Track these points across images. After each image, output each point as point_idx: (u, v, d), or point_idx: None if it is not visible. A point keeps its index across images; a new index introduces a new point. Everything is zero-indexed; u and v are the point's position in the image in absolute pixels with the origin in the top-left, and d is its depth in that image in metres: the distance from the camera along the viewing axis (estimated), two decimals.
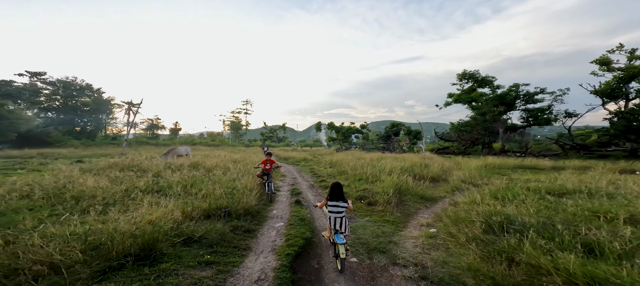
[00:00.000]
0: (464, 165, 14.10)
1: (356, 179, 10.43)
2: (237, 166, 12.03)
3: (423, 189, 8.48)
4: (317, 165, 18.58)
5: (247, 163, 13.27)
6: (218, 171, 10.25)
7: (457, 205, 6.38)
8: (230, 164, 12.81)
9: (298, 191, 8.84)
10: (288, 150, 39.42)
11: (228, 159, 15.54)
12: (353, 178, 10.81)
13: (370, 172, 11.17)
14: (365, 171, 11.51)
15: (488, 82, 26.50)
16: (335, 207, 3.75)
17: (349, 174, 11.74)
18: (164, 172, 10.14)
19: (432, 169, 12.17)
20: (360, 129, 49.74)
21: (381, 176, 10.24)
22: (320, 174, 13.72)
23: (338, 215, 3.73)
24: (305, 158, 24.09)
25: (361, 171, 11.95)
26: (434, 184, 10.35)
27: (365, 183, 9.63)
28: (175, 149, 17.51)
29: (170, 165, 11.88)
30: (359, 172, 11.77)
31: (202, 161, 13.26)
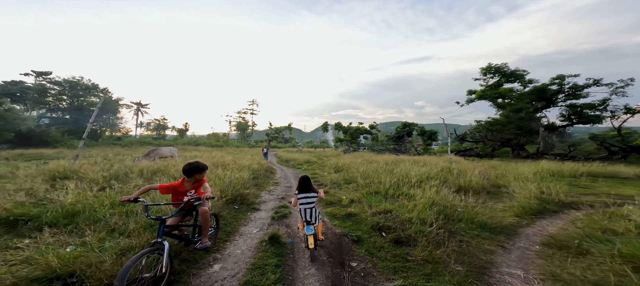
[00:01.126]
0: (510, 171, 10.68)
1: (370, 193, 7.36)
2: (218, 172, 9.21)
3: (480, 213, 5.31)
4: (321, 169, 15.58)
5: (232, 169, 10.40)
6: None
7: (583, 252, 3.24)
8: (212, 169, 9.98)
9: (285, 212, 5.90)
10: (292, 151, 36.57)
11: (216, 162, 12.77)
12: (365, 189, 7.74)
13: (389, 181, 8.08)
14: (382, 180, 8.42)
15: (518, 76, 22.78)
16: (305, 199, 3.66)
17: (360, 183, 8.68)
18: (113, 182, 7.39)
19: (470, 177, 8.94)
20: (369, 129, 46.41)
21: (406, 187, 7.16)
22: (322, 181, 10.74)
23: (308, 206, 3.62)
24: (308, 160, 21.14)
25: (375, 178, 8.89)
26: (481, 198, 7.13)
27: (384, 200, 6.57)
28: (157, 150, 14.93)
29: (133, 171, 9.17)
30: (373, 180, 8.71)
31: (178, 165, 10.52)
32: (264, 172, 13.02)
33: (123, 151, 25.32)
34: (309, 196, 3.67)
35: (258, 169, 12.44)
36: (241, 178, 8.29)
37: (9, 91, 35.34)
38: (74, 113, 42.83)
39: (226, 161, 12.71)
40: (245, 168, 11.12)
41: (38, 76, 40.65)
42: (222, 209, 5.69)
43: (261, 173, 12.17)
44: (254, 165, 11.86)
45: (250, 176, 9.83)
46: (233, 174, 8.39)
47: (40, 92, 39.64)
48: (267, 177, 11.79)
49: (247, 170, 10.39)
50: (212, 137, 54.37)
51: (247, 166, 11.53)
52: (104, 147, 34.83)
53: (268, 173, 13.45)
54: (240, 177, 8.26)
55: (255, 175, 11.10)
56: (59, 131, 34.98)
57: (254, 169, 11.40)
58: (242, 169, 10.37)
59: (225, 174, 8.05)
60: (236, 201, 6.39)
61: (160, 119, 59.72)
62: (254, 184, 9.14)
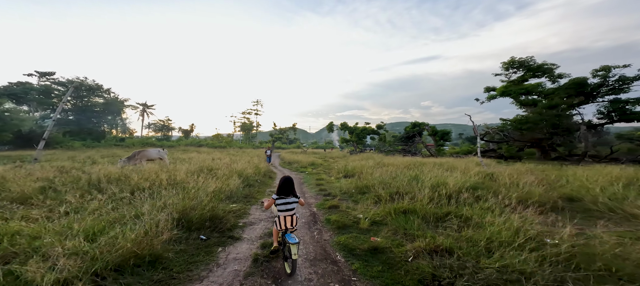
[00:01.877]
0: (574, 178, 8.22)
1: (399, 211, 5.24)
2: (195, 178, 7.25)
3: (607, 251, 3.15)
4: (327, 173, 13.54)
5: (219, 176, 8.42)
6: (144, 193, 5.46)
7: None
8: (188, 175, 8.01)
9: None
10: (297, 152, 34.54)
11: (204, 166, 10.85)
12: (391, 205, 5.62)
13: (420, 190, 5.96)
14: (410, 190, 6.33)
15: (546, 71, 20.24)
16: (285, 204, 3.20)
17: (381, 195, 6.58)
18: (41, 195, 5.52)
19: (526, 187, 6.71)
20: (376, 129, 44.10)
21: (453, 203, 5.06)
22: (330, 190, 8.68)
23: (288, 213, 3.20)
24: (313, 162, 19.11)
25: (400, 188, 6.80)
26: (563, 218, 4.91)
27: (425, 225, 4.48)
28: (144, 151, 13.13)
29: (99, 178, 7.29)
30: (398, 190, 6.62)
31: (156, 170, 8.62)
32: (261, 177, 11.06)
33: (119, 153, 23.77)
34: (289, 201, 3.21)
35: (253, 174, 10.48)
36: (223, 189, 6.30)
37: (13, 91, 34.53)
38: (77, 114, 41.92)
39: (218, 165, 10.77)
40: (237, 173, 9.15)
41: (42, 76, 39.89)
42: (177, 242, 3.70)
43: (257, 180, 10.20)
44: (248, 170, 9.89)
45: (240, 184, 7.84)
46: (210, 184, 6.37)
47: (44, 93, 38.79)
48: (264, 184, 9.81)
49: (237, 177, 8.40)
50: (215, 138, 52.99)
51: (240, 171, 9.57)
52: (104, 148, 33.61)
53: (266, 178, 11.48)
54: (221, 188, 6.26)
55: (248, 182, 9.13)
56: (60, 132, 33.94)
57: (247, 175, 9.42)
58: (232, 175, 8.39)
59: (196, 185, 6.02)
60: (204, 227, 4.38)
61: (164, 120, 58.72)
62: (243, 196, 7.15)
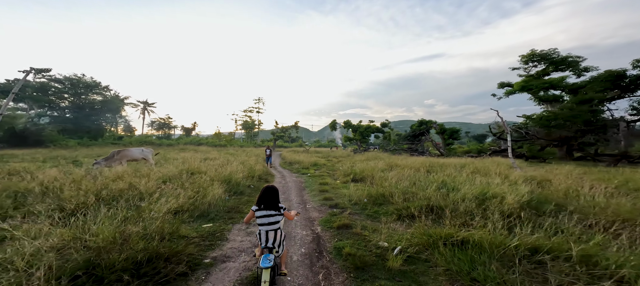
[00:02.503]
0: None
1: (448, 242, 3.52)
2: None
3: None
4: (331, 175, 11.85)
5: (193, 185, 6.74)
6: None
7: None
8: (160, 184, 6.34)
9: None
10: (299, 151, 32.79)
11: (190, 166, 9.19)
12: (423, 223, 3.91)
13: (473, 208, 4.24)
14: (444, 201, 4.61)
15: (571, 64, 18.31)
16: (265, 217, 2.62)
17: (409, 209, 4.86)
18: None
19: (600, 198, 4.95)
20: (381, 128, 42.24)
21: (523, 226, 3.32)
22: (337, 199, 6.95)
23: (270, 227, 2.61)
24: (315, 162, 17.42)
25: (430, 198, 5.08)
26: None
27: (502, 269, 2.74)
28: (124, 151, 11.52)
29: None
30: (429, 202, 4.91)
31: (120, 175, 6.97)
32: (256, 182, 9.39)
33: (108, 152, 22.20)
34: (270, 214, 2.62)
35: (246, 178, 8.80)
36: (195, 203, 4.61)
37: (7, 89, 33.21)
38: (74, 111, 40.66)
39: (207, 167, 9.09)
40: (223, 179, 7.46)
41: (38, 73, 38.62)
42: None
43: (249, 185, 8.51)
44: (237, 175, 8.17)
45: (223, 194, 6.15)
46: (175, 196, 4.67)
47: (40, 90, 37.53)
48: (257, 190, 8.12)
49: (220, 184, 6.70)
50: (215, 136, 51.52)
51: (228, 175, 7.87)
52: (100, 146, 32.26)
53: (262, 182, 9.80)
54: (192, 203, 4.57)
55: (238, 189, 7.45)
56: (55, 130, 32.64)
57: (236, 181, 7.73)
58: (213, 183, 6.67)
59: (157, 198, 4.33)
60: (133, 275, 2.68)
61: (165, 118, 57.40)
62: (226, 211, 5.45)
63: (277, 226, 2.67)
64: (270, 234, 2.62)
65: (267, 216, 2.64)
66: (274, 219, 2.65)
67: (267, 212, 2.65)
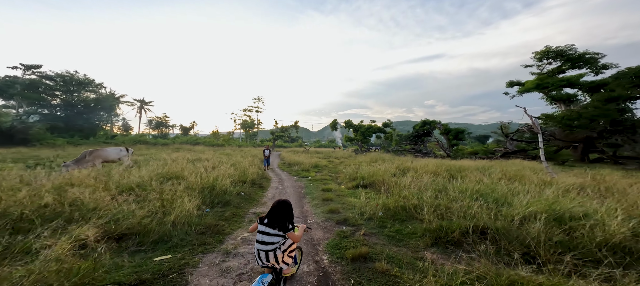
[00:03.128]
0: None
1: None
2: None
3: None
4: (334, 179, 10.47)
5: (157, 198, 5.31)
6: None
7: None
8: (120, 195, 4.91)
9: None
10: (299, 152, 31.27)
11: (170, 170, 7.75)
12: (489, 260, 2.52)
13: (556, 236, 2.86)
14: (499, 222, 3.22)
15: (589, 61, 17.06)
16: (262, 235, 2.23)
17: (456, 233, 3.45)
18: None
19: None
20: (383, 128, 40.89)
21: None
22: (345, 212, 5.50)
23: (261, 247, 2.21)
24: (316, 164, 16.02)
25: (477, 216, 3.70)
26: None
27: None
28: (98, 151, 10.07)
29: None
30: (476, 222, 3.53)
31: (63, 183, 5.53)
32: (249, 188, 7.96)
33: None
34: (268, 233, 2.22)
35: (234, 184, 7.37)
36: (149, 226, 3.19)
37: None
38: (66, 109, 39.08)
39: (188, 172, 7.64)
40: (205, 186, 6.02)
41: (27, 69, 37.03)
42: None
43: (240, 192, 7.08)
44: (223, 182, 6.71)
45: (197, 209, 4.71)
46: (122, 218, 3.25)
47: (30, 87, 35.93)
48: (248, 200, 6.68)
49: (198, 195, 5.27)
50: (213, 136, 50.03)
51: (211, 182, 6.42)
52: (90, 145, 30.73)
53: (255, 188, 8.37)
54: (144, 225, 3.15)
55: (223, 198, 6.02)
56: (43, 128, 31.05)
57: (221, 188, 6.29)
58: (187, 193, 5.22)
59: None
60: None
61: (162, 117, 55.81)
62: (198, 234, 4.01)
63: (273, 247, 2.22)
64: (262, 254, 2.24)
65: (265, 233, 2.27)
66: (270, 239, 2.24)
67: (266, 229, 2.27)
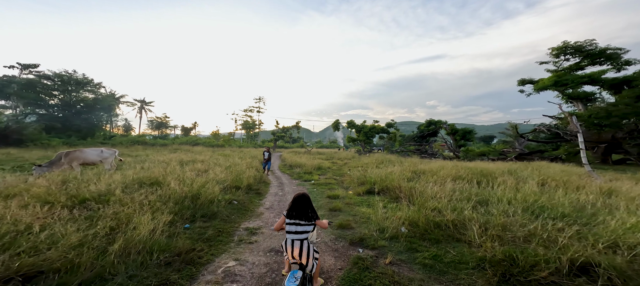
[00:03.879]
0: None
1: None
2: None
3: None
4: (340, 183, 9.30)
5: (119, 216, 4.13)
6: None
7: None
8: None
9: None
10: (300, 152, 30.06)
11: (152, 175, 6.62)
12: None
13: None
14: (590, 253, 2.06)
15: (610, 56, 15.86)
16: (294, 226, 2.45)
17: (543, 271, 2.28)
18: None
19: None
20: (386, 128, 39.67)
21: None
22: (358, 228, 4.30)
23: (296, 237, 2.41)
24: (319, 166, 14.86)
25: (567, 244, 2.52)
26: None
27: None
28: (75, 153, 8.94)
29: None
30: (557, 243, 2.35)
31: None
32: (243, 195, 6.81)
33: None
34: (299, 223, 2.45)
35: (225, 190, 6.21)
36: (79, 265, 2.01)
37: None
38: (64, 110, 38.21)
39: (173, 176, 6.49)
40: (187, 196, 4.87)
41: (24, 68, 36.20)
42: None
43: (232, 200, 5.92)
44: (212, 190, 5.55)
45: (165, 226, 3.54)
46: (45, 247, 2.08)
47: (27, 87, 35.07)
48: (241, 211, 5.51)
49: (172, 209, 4.11)
50: (213, 136, 49.00)
51: (197, 190, 5.26)
52: (84, 146, 29.76)
53: (251, 195, 7.22)
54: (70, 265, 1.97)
55: (209, 209, 4.87)
56: (38, 128, 30.12)
57: (209, 197, 5.13)
58: (146, 213, 4.06)
59: None
60: None
61: (162, 117, 54.91)
62: (160, 267, 2.85)
63: (304, 236, 2.44)
64: (296, 244, 2.40)
65: (295, 224, 2.47)
66: (302, 228, 2.45)
67: (297, 221, 2.47)
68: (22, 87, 34.33)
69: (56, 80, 38.17)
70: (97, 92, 42.63)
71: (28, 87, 35.23)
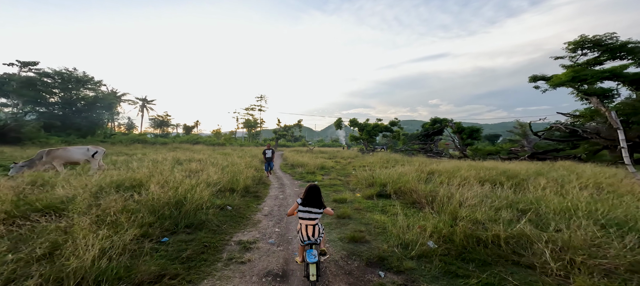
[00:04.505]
0: None
1: None
2: None
3: None
4: (345, 183, 8.47)
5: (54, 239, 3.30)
6: None
7: None
8: None
9: None
10: (302, 151, 29.19)
11: (134, 177, 5.83)
12: None
13: None
14: None
15: (632, 51, 14.86)
16: (307, 213, 2.84)
17: None
18: None
19: None
20: (390, 126, 38.70)
21: None
22: (377, 244, 3.38)
23: (310, 222, 2.84)
24: (322, 165, 14.01)
25: None
26: None
27: None
28: (57, 151, 8.16)
29: None
30: None
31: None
32: (239, 198, 5.99)
33: None
34: (311, 211, 2.85)
35: (217, 194, 5.40)
36: None
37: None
38: (64, 108, 37.68)
39: (155, 181, 5.69)
40: (168, 203, 4.06)
41: (24, 66, 35.66)
42: None
43: (228, 205, 5.11)
44: (200, 195, 4.72)
45: (128, 243, 2.73)
46: None
47: (26, 85, 34.54)
48: (237, 220, 4.70)
49: (147, 218, 3.29)
50: (215, 135, 48.33)
51: (182, 194, 4.44)
52: (81, 145, 29.16)
53: (250, 198, 6.40)
54: None
55: (194, 219, 4.06)
56: (36, 126, 29.54)
57: (196, 203, 4.30)
58: (119, 220, 3.25)
59: None
60: None
61: (163, 116, 54.31)
62: None
63: (316, 221, 2.84)
64: (310, 228, 2.78)
65: (309, 211, 2.82)
66: (314, 215, 2.82)
67: (310, 209, 2.82)
68: (21, 85, 33.81)
69: (56, 78, 37.62)
70: (97, 90, 42.07)
71: (27, 85, 34.70)
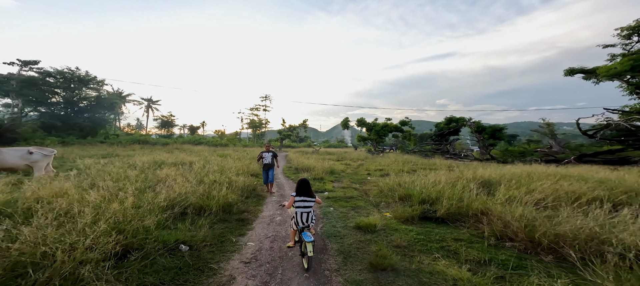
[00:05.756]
0: None
1: None
2: None
3: None
4: (363, 195, 6.18)
5: None
6: None
7: None
8: None
9: None
10: (308, 152, 26.86)
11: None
12: None
13: None
14: None
15: None
16: (303, 202, 3.37)
17: None
18: None
19: None
20: (400, 126, 36.19)
21: None
22: None
23: (305, 210, 3.36)
24: (331, 168, 11.73)
25: None
26: None
27: None
28: None
29: None
30: None
31: None
32: (217, 222, 3.86)
33: (93, 151, 17.42)
34: (306, 200, 3.39)
35: (177, 219, 3.25)
36: None
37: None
38: (65, 107, 36.64)
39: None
40: (114, 228, 1.91)
41: (24, 65, 34.77)
42: None
43: (183, 246, 2.98)
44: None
45: None
46: None
47: (27, 84, 33.58)
48: (218, 247, 2.55)
49: None
50: (218, 135, 46.77)
51: (128, 218, 2.33)
52: (85, 146, 27.82)
53: (234, 224, 4.28)
54: None
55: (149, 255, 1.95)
56: (33, 126, 28.38)
57: (149, 234, 2.15)
58: None
59: None
60: None
61: (167, 116, 53.13)
62: None
63: (310, 209, 3.35)
64: (304, 215, 3.30)
65: (304, 201, 3.34)
66: (308, 203, 3.35)
67: (304, 198, 3.35)
68: (21, 84, 32.89)
69: (58, 77, 36.69)
70: (100, 90, 41.05)
71: (28, 84, 33.80)
